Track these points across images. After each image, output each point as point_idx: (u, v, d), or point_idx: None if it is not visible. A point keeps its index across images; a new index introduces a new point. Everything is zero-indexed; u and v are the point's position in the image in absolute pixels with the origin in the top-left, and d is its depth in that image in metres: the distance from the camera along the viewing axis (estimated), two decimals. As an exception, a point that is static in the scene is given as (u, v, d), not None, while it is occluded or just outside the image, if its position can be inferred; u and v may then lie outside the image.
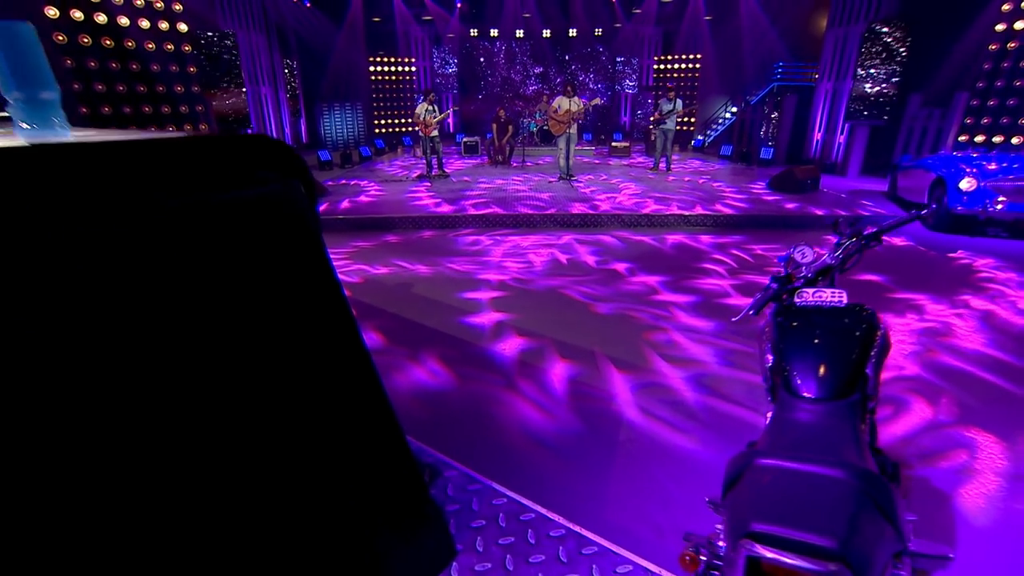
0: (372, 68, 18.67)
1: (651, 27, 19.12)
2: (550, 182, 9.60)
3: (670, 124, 10.64)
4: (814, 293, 1.79)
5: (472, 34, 19.16)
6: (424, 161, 10.68)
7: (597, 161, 13.41)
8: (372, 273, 5.26)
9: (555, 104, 9.32)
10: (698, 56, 18.39)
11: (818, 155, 13.01)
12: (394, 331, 3.94)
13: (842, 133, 12.33)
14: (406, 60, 18.99)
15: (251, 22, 12.00)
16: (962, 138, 10.17)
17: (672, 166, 11.36)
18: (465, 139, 15.21)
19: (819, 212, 7.10)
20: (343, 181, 10.29)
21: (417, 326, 4.04)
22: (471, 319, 4.15)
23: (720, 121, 19.49)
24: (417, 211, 7.29)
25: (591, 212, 7.07)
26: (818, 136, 13.09)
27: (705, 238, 6.49)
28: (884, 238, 1.96)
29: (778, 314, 1.79)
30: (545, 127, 14.70)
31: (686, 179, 10.23)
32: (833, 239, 1.98)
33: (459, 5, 17.70)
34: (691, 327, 3.96)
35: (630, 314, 4.21)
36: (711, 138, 18.84)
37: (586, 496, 2.25)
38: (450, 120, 20.91)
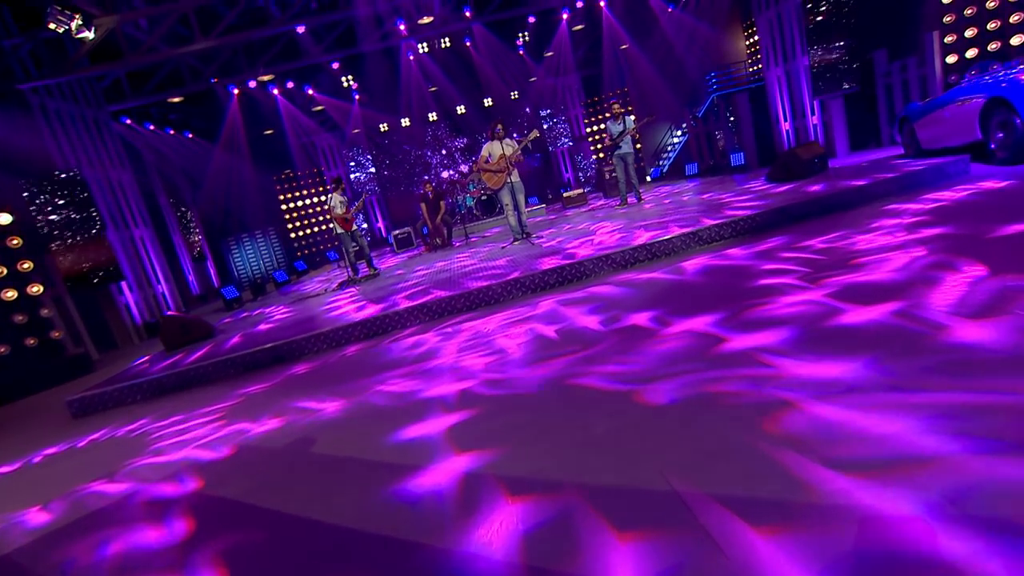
0: (279, 187, 17.56)
1: (572, 75, 18.93)
2: (503, 247, 8.06)
3: (626, 147, 9.47)
4: None
5: (382, 128, 18.50)
6: (349, 266, 9.10)
7: (552, 216, 12.13)
8: (251, 434, 3.34)
9: (484, 153, 8.00)
10: (626, 90, 18.13)
11: (794, 145, 12.11)
12: (264, 553, 2.01)
13: (813, 114, 11.52)
14: (315, 171, 18.03)
15: (107, 157, 10.63)
16: (951, 78, 9.39)
17: (643, 195, 10.11)
18: (396, 233, 13.85)
19: (860, 183, 5.69)
20: (244, 314, 8.50)
21: (311, 530, 2.12)
22: (415, 483, 2.27)
23: (670, 147, 18.98)
24: (331, 324, 5.50)
25: (568, 262, 5.44)
26: (787, 126, 12.28)
27: (736, 252, 4.90)
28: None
29: None
30: (483, 196, 13.50)
31: (666, 201, 8.90)
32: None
33: (357, 97, 17.08)
34: (826, 380, 2.19)
35: (704, 390, 2.42)
36: (666, 166, 18.20)
37: None
38: (380, 224, 19.77)
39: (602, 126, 17.94)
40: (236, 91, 13.16)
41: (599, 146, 18.46)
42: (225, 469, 2.93)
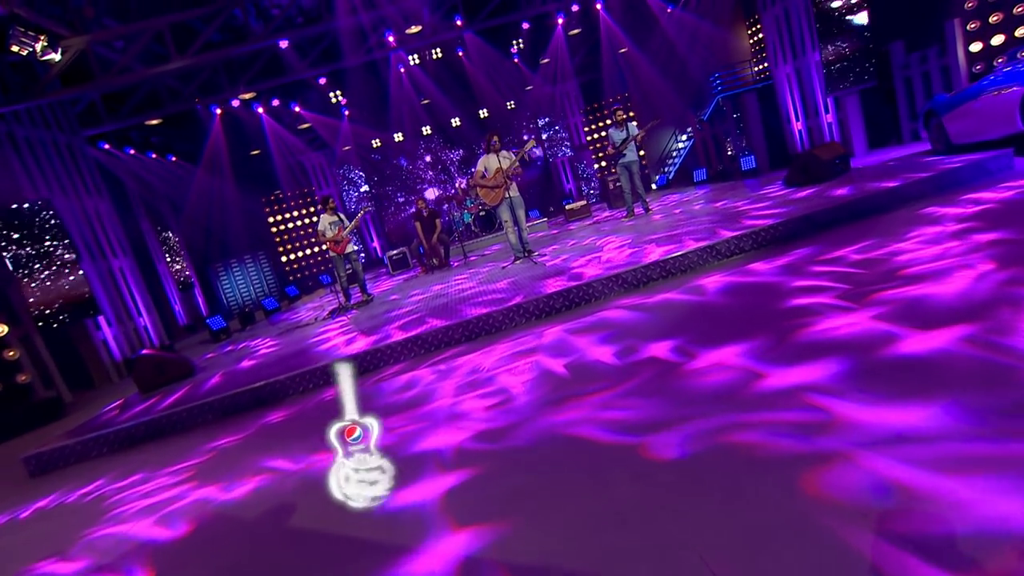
0: (268, 209, 17.32)
1: (570, 82, 18.77)
2: (504, 267, 7.77)
3: (630, 155, 9.20)
4: None
5: (375, 144, 18.31)
6: (341, 292, 8.77)
7: (555, 231, 11.86)
8: (218, 501, 3.02)
9: (479, 168, 7.74)
10: (627, 94, 17.93)
11: (808, 145, 11.86)
12: None
13: (827, 111, 11.27)
14: (304, 191, 17.82)
15: (82, 184, 10.43)
16: (977, 68, 9.14)
17: (650, 204, 9.84)
18: (391, 254, 13.59)
19: (890, 184, 5.38)
20: (228, 348, 8.21)
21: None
22: (404, 571, 1.94)
23: (675, 153, 18.76)
24: (317, 362, 5.19)
25: (575, 284, 5.13)
26: (799, 126, 12.03)
27: (759, 266, 4.58)
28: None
29: None
30: (482, 212, 13.25)
31: (676, 211, 8.61)
32: None
33: (346, 113, 16.94)
34: (894, 428, 1.86)
35: (743, 442, 2.09)
36: (672, 172, 17.95)
37: None
38: (375, 244, 19.51)
39: (603, 133, 17.75)
40: (219, 111, 13.00)
41: (601, 155, 18.24)
42: (183, 550, 2.60)
